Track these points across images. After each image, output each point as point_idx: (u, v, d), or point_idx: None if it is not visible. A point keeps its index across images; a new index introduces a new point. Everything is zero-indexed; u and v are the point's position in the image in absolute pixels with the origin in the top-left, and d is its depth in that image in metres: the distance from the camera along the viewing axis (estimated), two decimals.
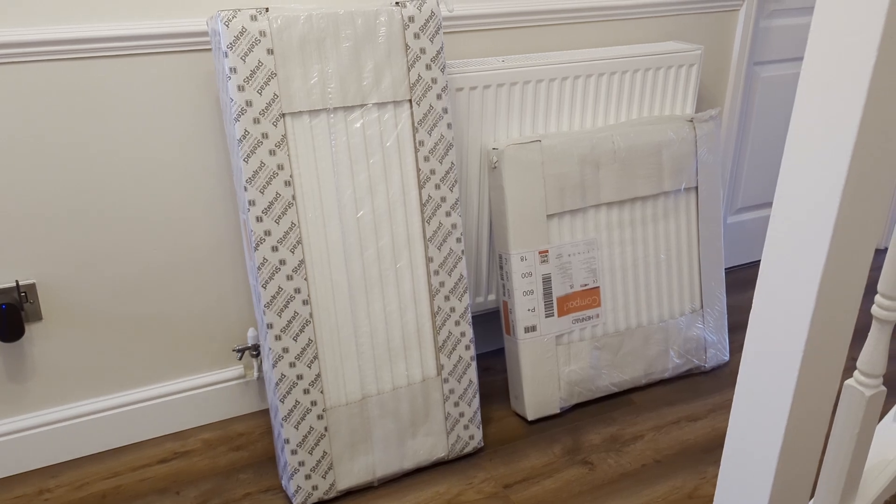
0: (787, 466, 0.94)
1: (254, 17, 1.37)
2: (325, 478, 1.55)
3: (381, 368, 1.58)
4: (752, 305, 0.92)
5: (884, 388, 1.02)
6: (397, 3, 1.49)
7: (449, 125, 1.56)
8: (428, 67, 1.52)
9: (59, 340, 1.63)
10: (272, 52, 1.39)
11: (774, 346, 0.89)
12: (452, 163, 1.58)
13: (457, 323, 1.63)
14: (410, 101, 1.52)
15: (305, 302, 1.48)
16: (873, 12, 0.70)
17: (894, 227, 1.02)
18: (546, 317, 1.78)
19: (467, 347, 1.65)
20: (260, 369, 1.80)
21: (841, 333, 0.88)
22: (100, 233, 1.59)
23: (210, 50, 1.57)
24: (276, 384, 1.48)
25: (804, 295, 0.84)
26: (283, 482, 1.58)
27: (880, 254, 2.64)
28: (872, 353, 1.01)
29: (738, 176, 2.44)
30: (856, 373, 1.04)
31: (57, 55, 1.45)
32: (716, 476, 1.65)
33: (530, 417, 1.81)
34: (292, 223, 1.45)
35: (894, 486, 1.19)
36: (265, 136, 1.40)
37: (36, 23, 1.43)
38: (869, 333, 1.03)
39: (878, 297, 1.01)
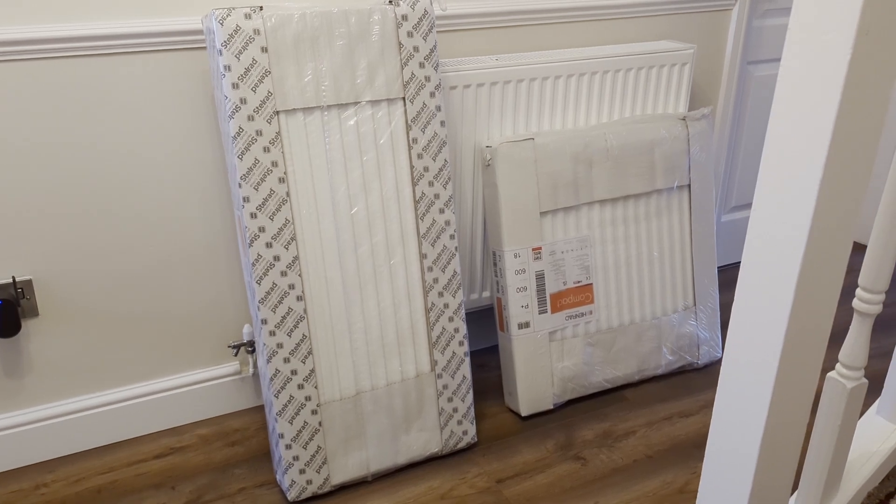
0: (768, 459, 0.95)
1: (248, 16, 1.38)
2: (319, 472, 1.57)
3: (375, 364, 1.59)
4: (734, 302, 0.93)
5: (865, 381, 1.04)
6: (391, 1, 1.51)
7: (442, 123, 1.58)
8: (421, 66, 1.54)
9: (56, 336, 1.64)
10: (266, 50, 1.40)
11: (754, 342, 0.91)
12: (446, 160, 1.59)
13: (450, 319, 1.64)
14: (404, 98, 1.54)
15: (300, 298, 1.49)
16: (848, 9, 0.71)
17: (875, 225, 1.03)
18: (539, 313, 1.79)
19: (461, 343, 1.66)
20: (255, 365, 1.82)
21: (819, 329, 0.90)
22: (96, 229, 1.61)
23: (205, 48, 1.59)
24: (271, 380, 1.50)
25: (783, 290, 0.85)
26: (278, 477, 1.60)
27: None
28: (853, 345, 1.03)
29: (731, 174, 2.45)
30: (838, 365, 1.05)
31: (52, 53, 1.46)
32: None
33: (524, 413, 1.82)
34: (286, 220, 1.46)
35: (877, 477, 1.21)
36: (259, 133, 1.42)
37: (31, 21, 1.44)
38: (850, 327, 1.05)
39: (858, 291, 1.03)
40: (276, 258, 1.46)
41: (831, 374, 1.07)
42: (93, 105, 1.53)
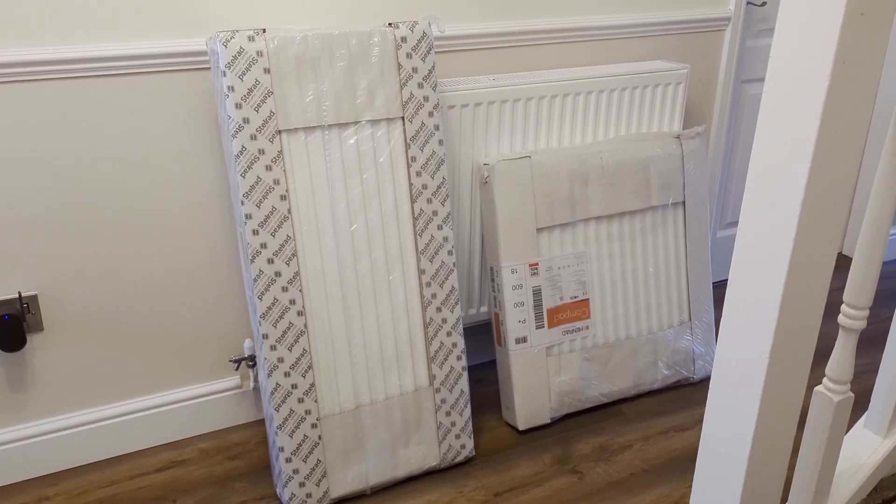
0: (756, 471, 0.98)
1: (251, 38, 1.42)
2: (318, 486, 1.58)
3: (374, 378, 1.61)
4: (723, 316, 0.96)
5: (851, 394, 1.06)
6: (390, 23, 1.54)
7: (440, 141, 1.61)
8: (420, 86, 1.57)
9: (60, 351, 1.66)
10: (269, 72, 1.44)
11: (742, 355, 0.93)
12: (444, 178, 1.62)
13: (448, 334, 1.67)
14: (403, 118, 1.57)
15: (300, 313, 1.52)
16: (826, 39, 0.74)
17: (858, 242, 1.06)
18: (536, 328, 1.82)
19: (459, 358, 1.69)
20: (256, 379, 1.84)
21: (804, 341, 0.93)
22: (101, 246, 1.63)
23: (209, 69, 1.62)
24: (271, 393, 1.52)
25: (769, 305, 0.88)
26: (278, 490, 1.62)
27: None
28: (839, 360, 1.05)
29: (726, 191, 2.48)
30: (824, 379, 1.08)
31: (61, 74, 1.49)
32: None
33: (521, 427, 1.84)
34: (288, 236, 1.49)
35: (866, 489, 1.23)
36: (262, 152, 1.45)
37: (40, 43, 1.47)
38: (836, 342, 1.08)
39: (843, 307, 1.06)
40: (278, 274, 1.49)
41: (818, 388, 1.09)
42: (99, 124, 1.56)
